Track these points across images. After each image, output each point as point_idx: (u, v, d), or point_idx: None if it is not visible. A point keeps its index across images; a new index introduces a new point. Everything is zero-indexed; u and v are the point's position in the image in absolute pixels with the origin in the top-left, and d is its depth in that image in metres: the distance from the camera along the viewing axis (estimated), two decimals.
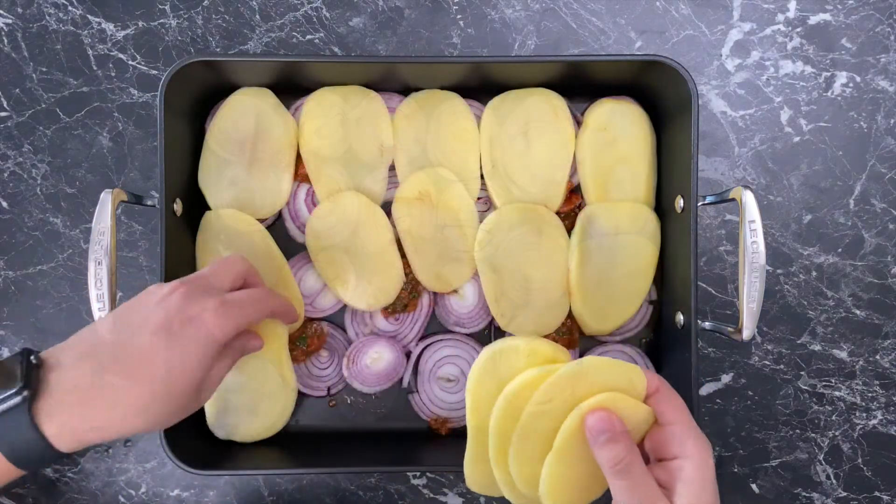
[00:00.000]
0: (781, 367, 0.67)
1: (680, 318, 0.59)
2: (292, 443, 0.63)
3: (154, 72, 0.67)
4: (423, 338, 0.65)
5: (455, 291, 0.64)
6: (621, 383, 0.46)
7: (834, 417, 0.67)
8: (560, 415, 0.45)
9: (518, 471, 0.47)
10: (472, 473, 0.51)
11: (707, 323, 0.58)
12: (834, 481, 0.67)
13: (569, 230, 0.63)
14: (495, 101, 0.63)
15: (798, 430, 0.67)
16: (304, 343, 0.63)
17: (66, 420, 0.41)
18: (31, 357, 0.42)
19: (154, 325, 0.44)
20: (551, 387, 0.45)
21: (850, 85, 0.67)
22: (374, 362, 0.63)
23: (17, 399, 0.40)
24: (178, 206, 0.58)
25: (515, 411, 0.46)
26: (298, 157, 0.63)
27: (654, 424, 0.47)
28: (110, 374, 0.42)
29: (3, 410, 0.40)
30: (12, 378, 0.40)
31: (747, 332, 0.52)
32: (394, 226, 0.63)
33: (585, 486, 0.47)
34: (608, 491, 0.46)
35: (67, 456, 0.43)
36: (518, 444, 0.46)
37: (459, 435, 0.64)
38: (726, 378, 0.67)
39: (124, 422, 0.42)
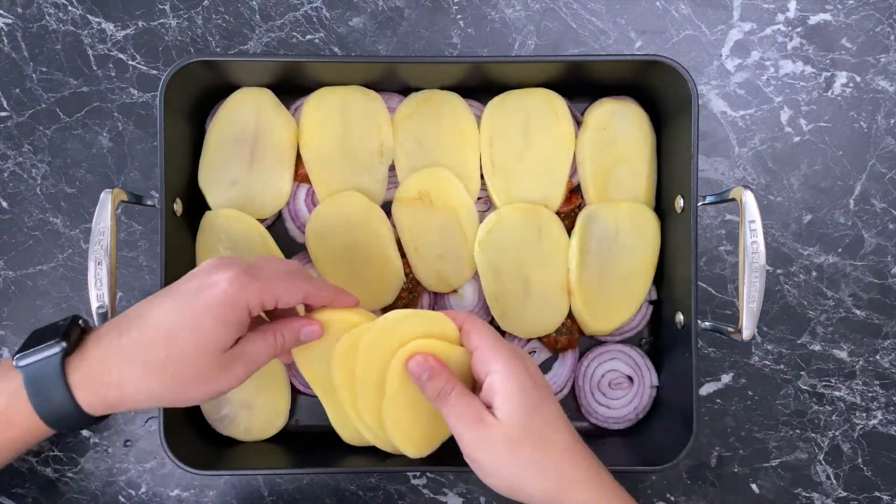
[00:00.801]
0: (781, 367, 0.67)
1: (680, 318, 0.59)
2: (292, 443, 0.63)
3: (154, 72, 0.67)
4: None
5: (455, 291, 0.64)
6: (434, 331, 0.50)
7: (834, 417, 0.67)
8: (386, 365, 0.50)
9: (369, 419, 0.52)
10: (342, 431, 0.58)
11: (707, 323, 0.58)
12: (834, 481, 0.67)
13: (569, 230, 0.63)
14: (495, 101, 0.63)
15: (798, 430, 0.67)
16: None
17: (88, 372, 0.43)
18: (80, 321, 0.45)
19: (179, 290, 0.45)
20: (370, 341, 0.50)
21: (850, 85, 0.67)
22: None
23: (55, 349, 0.43)
24: (178, 206, 0.58)
25: (350, 367, 0.50)
26: (298, 157, 0.63)
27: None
28: (130, 332, 0.44)
29: (40, 359, 0.42)
30: (56, 333, 0.44)
31: (747, 332, 0.52)
32: (394, 226, 0.63)
33: (432, 425, 0.53)
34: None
35: (94, 420, 0.44)
36: (361, 396, 0.51)
37: None
38: (726, 378, 0.67)
39: (142, 380, 0.43)
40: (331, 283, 0.53)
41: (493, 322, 0.64)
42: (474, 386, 0.51)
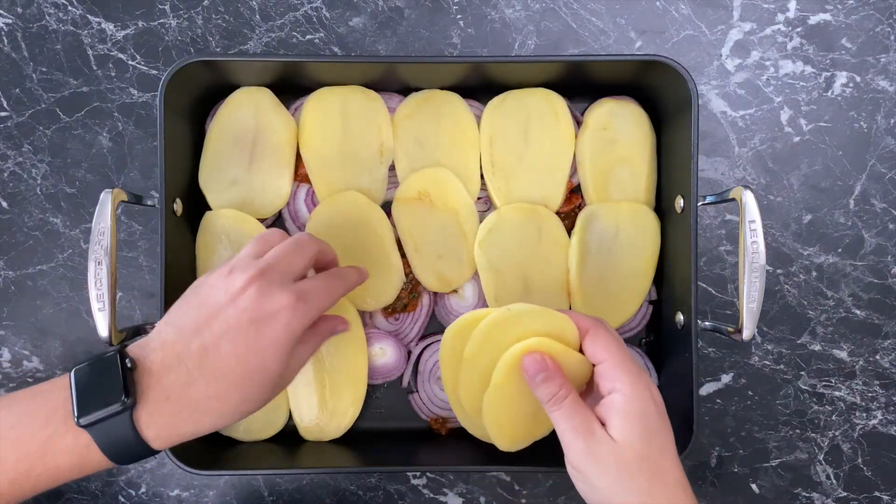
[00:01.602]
0: (781, 367, 0.67)
1: (680, 318, 0.59)
2: (292, 443, 0.63)
3: (154, 72, 0.67)
4: (423, 337, 0.65)
5: (455, 291, 0.64)
6: (554, 330, 0.50)
7: (834, 417, 0.67)
8: (497, 355, 0.50)
9: (466, 403, 0.53)
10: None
11: (707, 323, 0.58)
12: (834, 481, 0.67)
13: (569, 230, 0.63)
14: (495, 101, 0.63)
15: (798, 430, 0.67)
16: None
17: (161, 426, 0.43)
18: (126, 360, 0.43)
19: (235, 329, 0.44)
20: (486, 328, 0.50)
21: (850, 85, 0.67)
22: (377, 356, 0.63)
23: (121, 407, 0.41)
24: (178, 206, 0.58)
25: (460, 347, 0.52)
26: (298, 157, 0.63)
27: (592, 367, 0.50)
28: (198, 384, 0.43)
29: (108, 416, 0.41)
30: (115, 385, 0.42)
31: (747, 332, 0.52)
32: (394, 226, 0.63)
33: (529, 423, 0.53)
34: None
35: (157, 452, 0.44)
36: (464, 376, 0.52)
37: (459, 435, 0.64)
38: (726, 378, 0.67)
39: (213, 426, 0.45)
40: (344, 268, 0.54)
41: None
42: (585, 392, 0.52)
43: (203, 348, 0.43)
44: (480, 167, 0.63)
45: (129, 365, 0.43)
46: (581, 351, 0.50)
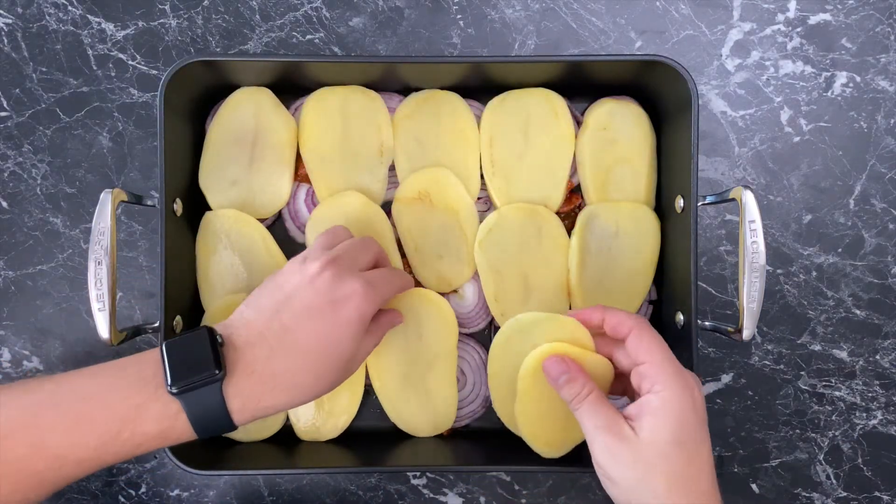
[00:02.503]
0: (781, 367, 0.67)
1: (680, 318, 0.59)
2: (292, 443, 0.63)
3: (154, 72, 0.67)
4: None
5: (455, 291, 0.64)
6: (564, 335, 0.52)
7: (834, 417, 0.67)
8: (518, 365, 0.53)
9: (503, 414, 0.57)
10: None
11: (707, 323, 0.58)
12: (834, 481, 0.67)
13: (569, 230, 0.63)
14: (495, 101, 0.63)
15: (798, 430, 0.67)
16: None
17: (246, 398, 0.45)
18: (217, 336, 0.45)
19: (312, 309, 0.47)
20: (500, 342, 0.55)
21: (850, 85, 0.67)
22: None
23: (213, 377, 0.44)
24: (178, 206, 0.58)
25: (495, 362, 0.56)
26: (298, 157, 0.63)
27: (614, 369, 0.52)
28: (278, 359, 0.46)
29: (201, 384, 0.43)
30: (207, 357, 0.44)
31: (747, 332, 0.52)
32: (394, 226, 0.63)
33: (564, 427, 0.54)
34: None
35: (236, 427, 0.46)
36: (494, 389, 0.57)
37: (460, 435, 0.64)
38: (726, 378, 0.67)
39: (290, 401, 0.47)
40: (410, 278, 0.59)
41: (492, 322, 0.64)
42: (627, 393, 0.54)
43: (283, 326, 0.46)
44: (480, 167, 0.63)
45: (220, 341, 0.45)
46: (608, 354, 0.52)
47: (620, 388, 0.54)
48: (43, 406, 0.43)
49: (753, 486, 0.67)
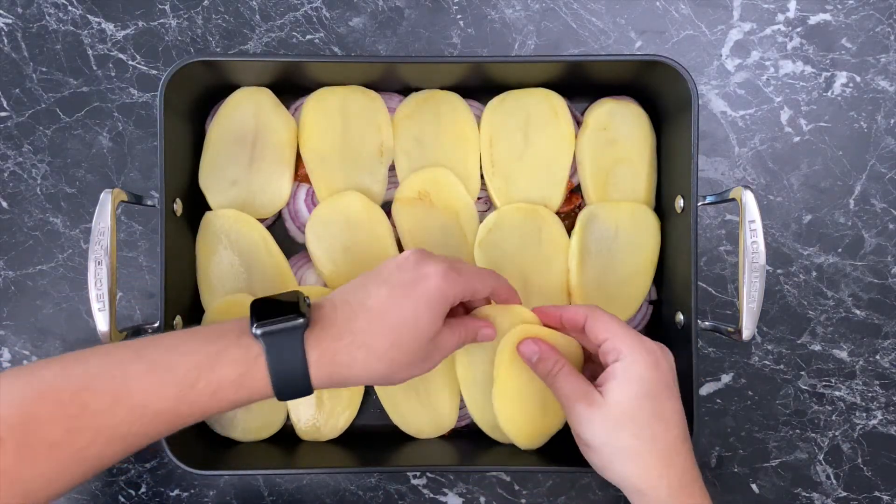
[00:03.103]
0: (781, 367, 0.67)
1: (680, 318, 0.59)
2: (292, 443, 0.63)
3: (154, 72, 0.67)
4: None
5: None
6: (526, 320, 0.56)
7: (834, 417, 0.67)
8: (484, 359, 0.58)
9: (476, 413, 0.60)
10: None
11: (707, 323, 0.58)
12: (834, 481, 0.67)
13: (569, 230, 0.63)
14: (495, 101, 0.63)
15: (798, 430, 0.67)
16: None
17: (324, 350, 0.46)
18: (305, 298, 0.48)
19: (394, 280, 0.48)
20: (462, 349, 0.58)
21: (850, 85, 0.67)
22: None
23: (298, 323, 0.45)
24: (178, 206, 0.58)
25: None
26: (298, 157, 0.63)
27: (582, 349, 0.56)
28: (358, 319, 0.47)
29: (283, 331, 0.44)
30: (294, 308, 0.46)
31: (747, 332, 0.52)
32: (394, 226, 0.63)
33: (540, 415, 0.57)
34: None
35: (311, 392, 0.46)
36: (465, 392, 0.60)
37: (460, 435, 0.64)
38: (726, 378, 0.67)
39: (366, 363, 0.47)
40: (506, 280, 0.56)
41: None
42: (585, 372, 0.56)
43: (366, 295, 0.48)
44: (480, 167, 0.63)
45: (307, 301, 0.47)
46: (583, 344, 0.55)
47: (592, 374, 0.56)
48: (127, 359, 0.43)
49: (753, 486, 0.67)
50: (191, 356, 0.43)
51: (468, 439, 0.64)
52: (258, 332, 0.44)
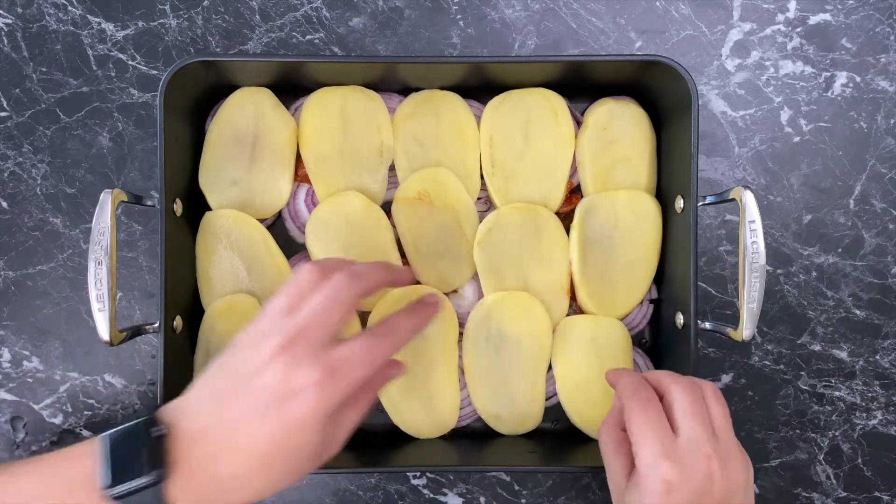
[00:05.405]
0: (781, 367, 0.67)
1: (680, 318, 0.59)
2: None
3: (154, 72, 0.67)
4: None
5: (455, 291, 0.64)
6: (524, 314, 0.62)
7: (834, 417, 0.67)
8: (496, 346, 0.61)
9: (477, 398, 0.63)
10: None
11: (707, 323, 0.58)
12: (834, 481, 0.67)
13: (568, 230, 0.63)
14: (495, 101, 0.63)
15: (798, 430, 0.67)
16: None
17: (191, 501, 0.41)
18: (153, 430, 0.41)
19: (259, 405, 0.42)
20: (471, 327, 0.62)
21: (850, 85, 0.67)
22: None
23: (152, 479, 0.40)
24: (178, 206, 0.58)
25: None
26: (298, 157, 0.63)
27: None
28: (223, 462, 0.41)
29: (139, 488, 0.40)
30: (146, 456, 0.40)
31: (747, 332, 0.52)
32: (394, 226, 0.63)
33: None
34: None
35: None
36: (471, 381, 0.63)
37: (460, 435, 0.64)
38: (726, 378, 0.67)
39: (241, 498, 0.43)
40: (397, 318, 0.50)
41: None
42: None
43: (230, 423, 0.42)
44: (480, 167, 0.63)
45: (160, 433, 0.41)
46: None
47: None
48: None
49: (753, 487, 0.67)
50: None
51: (468, 439, 0.64)
52: (113, 495, 0.39)
